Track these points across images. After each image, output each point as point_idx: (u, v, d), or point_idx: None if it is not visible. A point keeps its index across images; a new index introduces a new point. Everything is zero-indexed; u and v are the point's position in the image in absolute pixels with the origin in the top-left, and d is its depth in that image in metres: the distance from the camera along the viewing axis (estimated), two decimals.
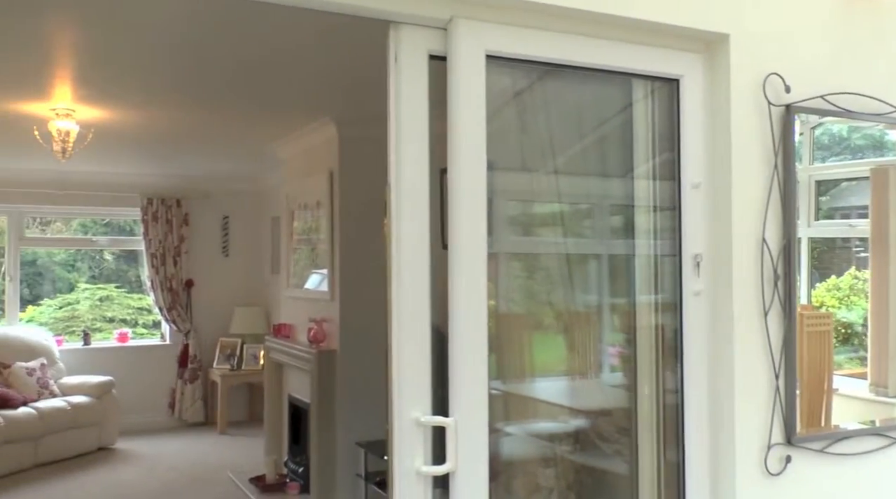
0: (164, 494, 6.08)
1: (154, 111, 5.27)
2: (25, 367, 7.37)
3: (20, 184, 7.92)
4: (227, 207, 8.80)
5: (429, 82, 2.08)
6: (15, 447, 6.67)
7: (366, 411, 5.31)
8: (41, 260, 8.73)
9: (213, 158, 7.37)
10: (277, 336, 6.27)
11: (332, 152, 5.49)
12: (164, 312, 8.46)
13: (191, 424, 8.41)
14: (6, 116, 5.25)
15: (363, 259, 5.39)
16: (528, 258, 2.58)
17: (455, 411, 2.05)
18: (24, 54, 3.96)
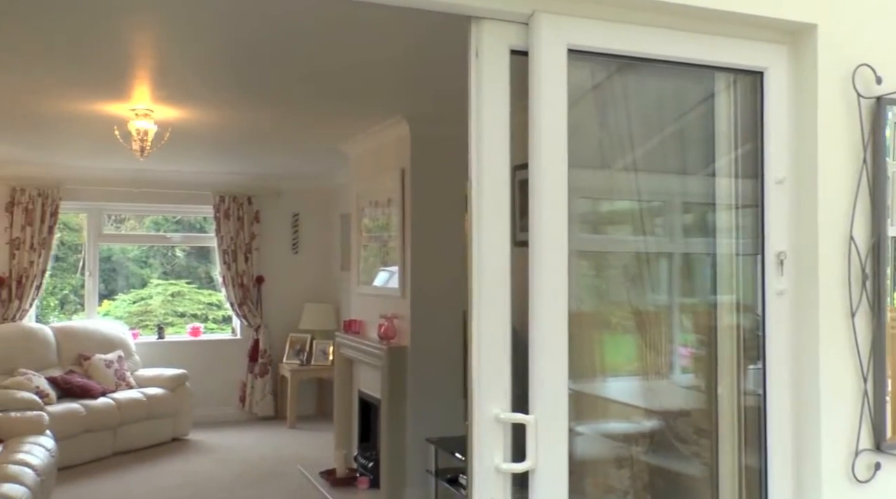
0: (236, 485, 6.21)
1: (228, 111, 5.38)
2: (104, 359, 7.62)
3: (99, 182, 8.18)
4: (296, 205, 8.94)
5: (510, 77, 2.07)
6: (95, 436, 6.90)
7: (436, 407, 5.34)
8: (116, 256, 9.01)
9: (284, 156, 7.49)
10: (347, 332, 6.34)
11: (403, 150, 5.52)
12: (235, 307, 8.64)
13: (261, 417, 8.57)
14: (89, 117, 5.42)
15: (434, 256, 5.42)
16: (598, 256, 2.55)
17: (535, 409, 2.04)
18: (107, 57, 4.09)
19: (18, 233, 7.85)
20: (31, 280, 7.88)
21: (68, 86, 4.71)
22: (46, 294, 8.37)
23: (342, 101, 5.06)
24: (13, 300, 7.82)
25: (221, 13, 3.40)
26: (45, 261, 7.95)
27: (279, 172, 8.46)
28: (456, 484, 4.68)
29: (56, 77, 4.52)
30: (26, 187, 7.86)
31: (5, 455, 5.08)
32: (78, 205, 8.34)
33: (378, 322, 5.69)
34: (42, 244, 7.92)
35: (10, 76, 4.48)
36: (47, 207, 7.95)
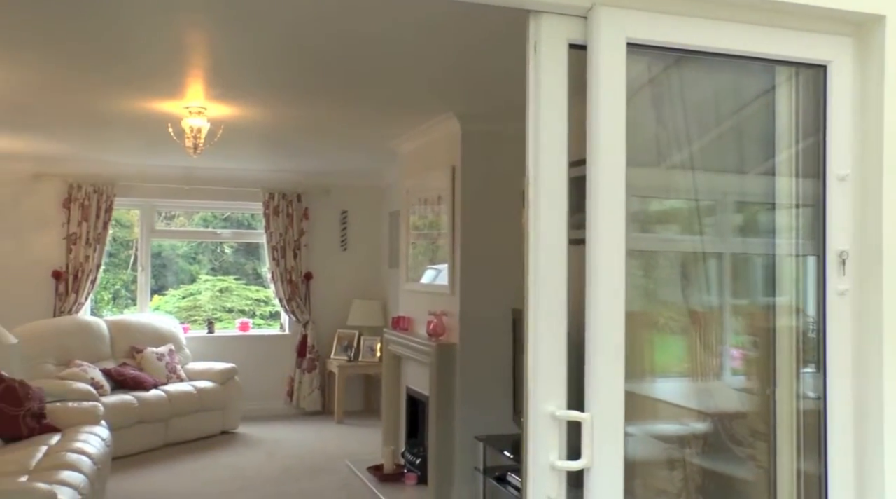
0: (285, 479, 6.27)
1: (280, 108, 5.43)
2: (156, 352, 7.76)
3: (151, 179, 8.34)
4: (345, 202, 9.00)
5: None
6: (147, 427, 7.03)
7: (485, 404, 5.33)
8: (165, 253, 9.16)
9: (333, 154, 7.55)
10: (396, 329, 6.36)
11: (454, 147, 5.52)
12: (283, 303, 8.72)
13: (308, 412, 8.65)
14: (143, 115, 5.52)
15: (484, 253, 5.41)
16: (648, 256, 2.51)
17: (591, 407, 2.02)
18: (162, 55, 4.15)
19: (75, 228, 8.03)
20: (86, 274, 8.06)
21: (124, 85, 4.79)
22: (100, 288, 8.54)
23: (393, 98, 5.07)
24: (70, 294, 8.01)
25: (275, 11, 3.43)
26: (99, 256, 8.12)
27: (328, 170, 8.52)
28: (504, 482, 4.66)
29: (113, 76, 4.61)
30: (82, 184, 8.04)
31: (63, 443, 5.20)
32: (131, 201, 8.51)
33: (427, 319, 5.69)
34: (97, 239, 8.09)
35: (70, 76, 4.58)
36: (102, 203, 8.12)
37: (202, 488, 6.03)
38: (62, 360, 7.18)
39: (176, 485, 6.11)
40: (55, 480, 4.22)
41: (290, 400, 8.74)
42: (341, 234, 9.02)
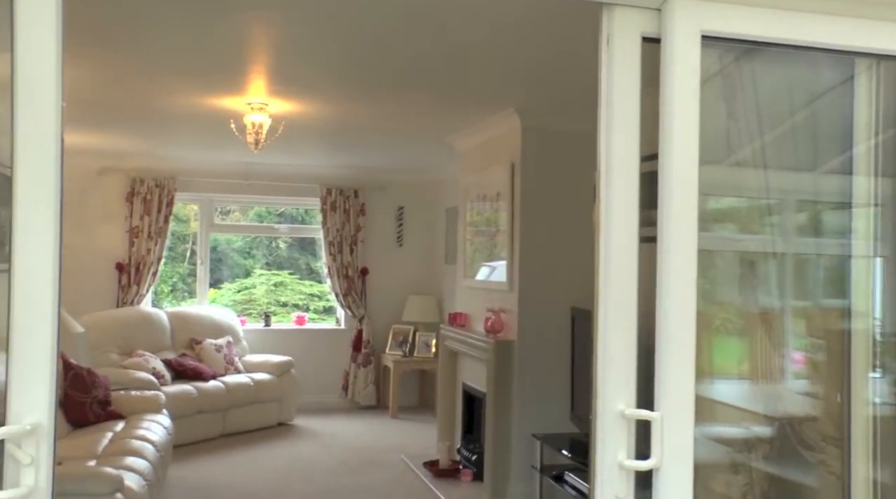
0: (340, 471, 6.32)
1: (341, 104, 5.46)
2: (214, 343, 7.88)
3: (211, 174, 8.47)
4: (402, 198, 9.03)
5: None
6: (206, 417, 7.16)
7: (542, 402, 5.29)
8: (221, 247, 9.31)
9: (391, 150, 7.57)
10: (452, 325, 6.35)
11: (514, 143, 5.48)
12: (339, 298, 8.79)
13: (363, 406, 8.70)
14: (206, 111, 5.60)
15: (543, 250, 5.37)
16: (703, 255, 2.45)
17: (661, 406, 1.98)
18: (225, 52, 4.20)
19: (137, 222, 8.21)
20: (147, 267, 8.23)
21: (189, 81, 4.87)
22: (160, 281, 8.72)
23: (454, 93, 5.06)
24: (132, 286, 8.19)
25: (338, 8, 3.44)
26: (160, 249, 8.28)
27: (385, 166, 8.55)
28: (562, 481, 4.62)
29: (177, 73, 4.68)
30: (145, 179, 8.21)
31: (127, 430, 5.33)
32: (191, 196, 8.66)
33: (484, 316, 5.67)
34: (158, 233, 8.25)
35: (136, 73, 4.66)
36: (163, 197, 8.28)
37: (260, 478, 6.11)
38: (125, 349, 7.35)
39: (234, 474, 6.21)
40: (121, 465, 4.32)
41: (345, 394, 8.81)
42: (397, 229, 9.06)
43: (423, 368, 8.59)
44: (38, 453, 1.49)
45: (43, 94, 1.58)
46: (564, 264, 5.36)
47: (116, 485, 3.74)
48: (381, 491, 5.79)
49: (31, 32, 1.59)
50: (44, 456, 1.49)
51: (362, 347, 8.73)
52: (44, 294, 1.54)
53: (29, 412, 1.50)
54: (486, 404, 5.54)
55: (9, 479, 1.48)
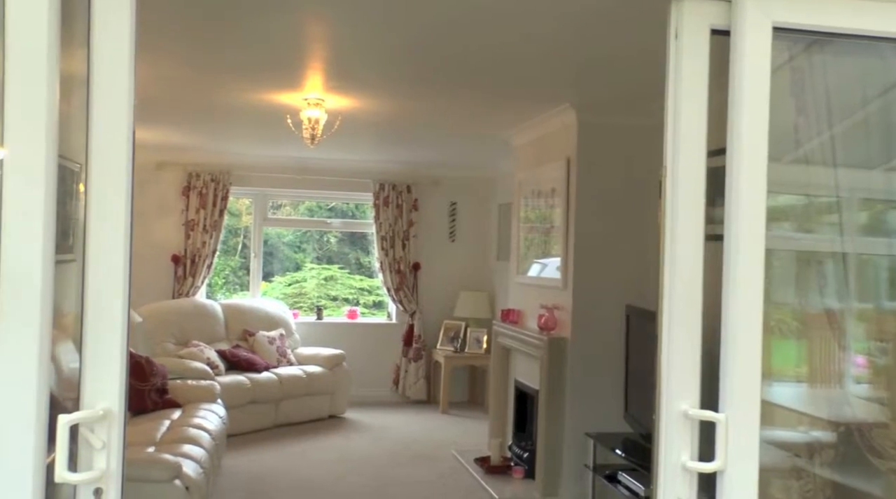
0: (392, 464, 6.36)
1: (396, 100, 5.47)
2: (267, 336, 7.99)
3: (265, 169, 8.58)
4: (455, 194, 9.03)
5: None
6: (259, 408, 7.26)
7: (595, 401, 5.24)
8: (272, 241, 9.41)
9: (445, 145, 7.57)
10: (505, 321, 6.33)
11: (569, 139, 5.43)
12: (391, 292, 8.83)
13: (413, 401, 8.74)
14: (262, 106, 5.66)
15: (598, 248, 5.31)
16: (771, 254, 2.39)
17: (725, 407, 1.94)
18: (282, 48, 4.24)
19: (193, 215, 8.35)
20: (203, 259, 8.37)
21: (246, 77, 4.92)
22: (214, 273, 8.85)
23: (510, 89, 5.03)
24: (187, 277, 8.34)
25: (396, 3, 3.44)
26: (215, 242, 8.42)
27: (439, 161, 8.56)
28: (615, 481, 4.57)
29: (235, 68, 4.74)
30: (201, 173, 8.35)
31: (184, 419, 5.43)
32: (245, 190, 8.78)
33: (538, 313, 5.64)
34: (213, 226, 8.39)
35: (196, 70, 4.74)
36: (219, 191, 8.41)
37: (313, 469, 6.17)
38: (181, 340, 7.49)
39: (286, 465, 6.28)
40: (179, 452, 4.41)
41: (396, 388, 8.85)
42: (450, 225, 9.06)
43: (473, 364, 8.59)
44: (110, 438, 1.52)
45: (117, 90, 1.61)
46: (619, 262, 5.30)
47: (175, 472, 3.81)
48: (433, 485, 5.80)
49: (107, 30, 1.62)
50: (115, 440, 1.52)
51: (413, 342, 8.76)
52: (116, 285, 1.57)
53: (101, 398, 1.53)
54: (539, 402, 5.50)
55: (82, 462, 1.51)
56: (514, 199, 6.59)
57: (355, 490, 5.70)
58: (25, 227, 1.49)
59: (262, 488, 5.70)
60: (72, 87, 1.65)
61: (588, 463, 4.98)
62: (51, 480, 1.50)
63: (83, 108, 1.63)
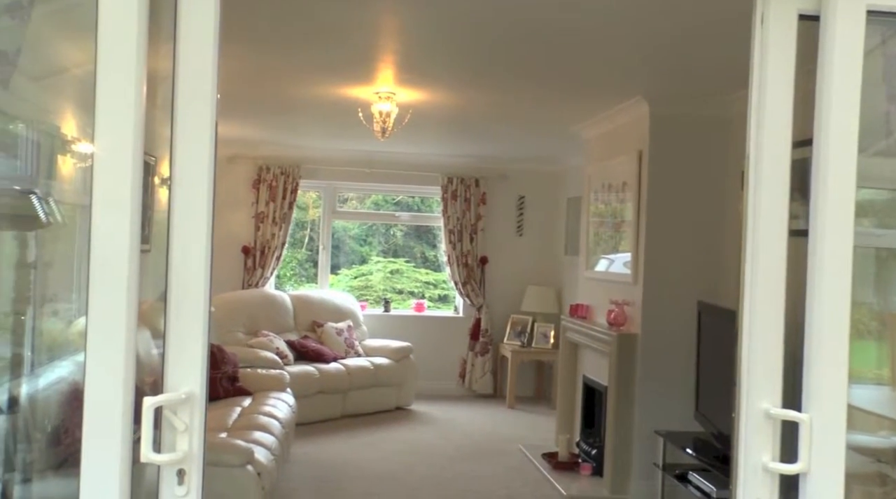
0: (458, 457, 6.37)
1: (467, 93, 5.46)
2: (335, 327, 8.08)
3: (333, 162, 8.67)
4: (523, 188, 8.98)
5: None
6: (327, 398, 7.35)
7: (666, 398, 5.15)
8: (338, 234, 9.51)
9: (514, 139, 7.54)
10: (573, 316, 6.27)
11: (642, 131, 5.34)
12: (458, 286, 8.84)
13: (479, 395, 8.73)
14: (334, 100, 5.72)
15: (670, 242, 5.22)
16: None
17: (809, 407, 1.88)
18: (355, 42, 4.27)
19: (263, 208, 8.50)
20: (272, 251, 8.51)
21: (319, 71, 4.98)
22: (282, 265, 8.99)
23: (581, 81, 4.98)
24: (256, 269, 8.49)
25: None
26: (284, 234, 8.55)
27: (507, 155, 8.53)
28: (685, 481, 4.48)
29: (308, 63, 4.80)
30: (271, 166, 8.48)
31: (254, 406, 5.54)
32: (314, 183, 8.89)
33: (607, 308, 5.57)
34: (283, 219, 8.52)
35: (268, 65, 4.81)
36: (288, 184, 8.53)
37: (381, 460, 6.23)
38: (250, 329, 7.63)
39: (354, 455, 6.35)
40: (250, 439, 4.49)
41: (463, 382, 8.86)
42: (518, 219, 9.02)
43: (540, 359, 8.54)
44: (192, 421, 1.55)
45: (201, 85, 1.64)
46: (691, 258, 5.20)
47: (248, 457, 3.88)
48: (500, 480, 5.79)
49: (193, 25, 1.65)
50: (197, 424, 1.55)
51: (480, 336, 8.75)
52: (198, 275, 1.61)
53: (183, 382, 1.57)
54: (608, 398, 5.44)
55: (165, 444, 1.55)
56: (584, 193, 6.52)
57: (424, 482, 5.72)
58: (114, 217, 1.53)
59: (331, 477, 5.77)
60: (152, 82, 1.68)
61: (657, 462, 4.90)
62: (134, 459, 1.54)
63: (160, 102, 1.66)
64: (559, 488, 5.49)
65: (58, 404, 3.12)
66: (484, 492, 5.54)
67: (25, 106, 3.05)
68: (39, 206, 2.48)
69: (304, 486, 5.54)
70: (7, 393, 2.76)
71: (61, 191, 3.16)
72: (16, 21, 2.11)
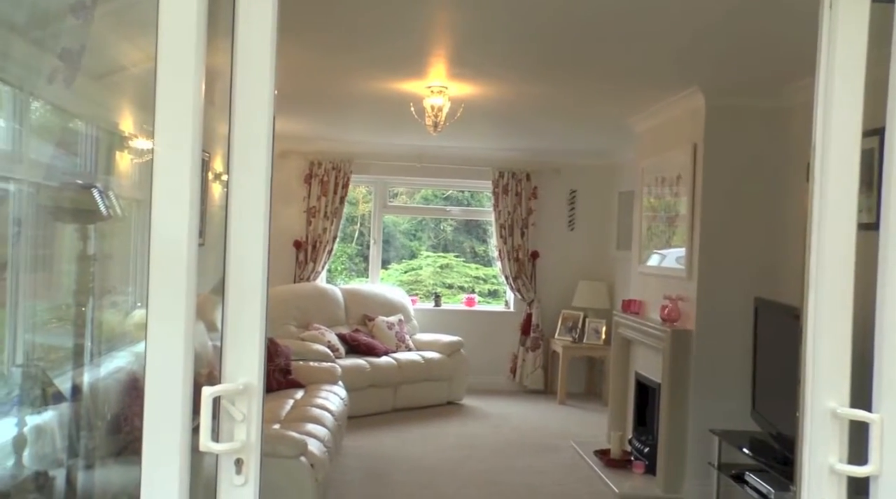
0: (510, 452, 6.34)
1: (519, 87, 5.42)
2: (386, 321, 8.11)
3: (384, 157, 8.70)
4: (574, 182, 8.89)
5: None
6: (378, 391, 7.39)
7: (721, 396, 5.06)
8: (387, 229, 9.53)
9: (565, 133, 7.47)
10: (626, 312, 6.19)
11: (697, 123, 5.24)
12: (509, 280, 8.80)
13: (530, 390, 8.69)
14: (385, 95, 5.72)
15: (726, 237, 5.11)
16: None
17: (881, 407, 1.81)
18: (407, 37, 4.26)
19: (314, 202, 8.57)
20: (323, 245, 8.58)
21: (371, 66, 4.98)
22: (333, 259, 9.06)
23: (635, 73, 4.90)
24: (308, 262, 8.57)
25: None
26: (335, 228, 8.61)
27: (559, 149, 8.46)
28: (742, 481, 4.39)
29: (360, 58, 4.80)
30: (322, 161, 8.55)
31: (307, 399, 5.58)
32: (365, 178, 8.93)
33: (661, 304, 5.48)
34: (334, 213, 8.58)
35: (321, 61, 4.82)
36: (339, 179, 8.59)
37: (433, 454, 6.23)
38: (302, 322, 7.70)
39: (405, 448, 6.37)
40: (303, 431, 4.53)
41: (514, 377, 8.83)
42: (569, 213, 8.94)
43: (591, 354, 8.46)
44: (250, 411, 1.56)
45: (259, 80, 1.64)
46: (748, 252, 5.09)
47: (302, 449, 3.91)
48: (552, 475, 5.75)
49: (251, 21, 1.65)
50: (254, 414, 1.56)
51: (531, 331, 8.71)
52: (256, 268, 1.62)
53: (241, 373, 1.58)
54: (661, 396, 5.35)
55: (223, 433, 1.56)
56: (637, 187, 6.43)
57: (476, 477, 5.71)
58: (173, 213, 1.55)
59: (383, 470, 5.80)
60: (208, 79, 1.69)
61: (713, 461, 4.81)
62: (192, 449, 1.55)
63: (215, 99, 1.67)
64: (611, 485, 5.43)
65: (117, 394, 3.19)
66: (536, 487, 5.50)
67: (86, 104, 3.11)
68: (100, 199, 2.53)
69: (356, 478, 5.57)
70: (70, 381, 2.83)
71: (118, 186, 3.22)
72: (80, 21, 2.15)
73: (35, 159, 2.81)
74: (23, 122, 2.66)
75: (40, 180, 2.71)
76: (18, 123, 2.64)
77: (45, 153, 2.87)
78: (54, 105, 2.83)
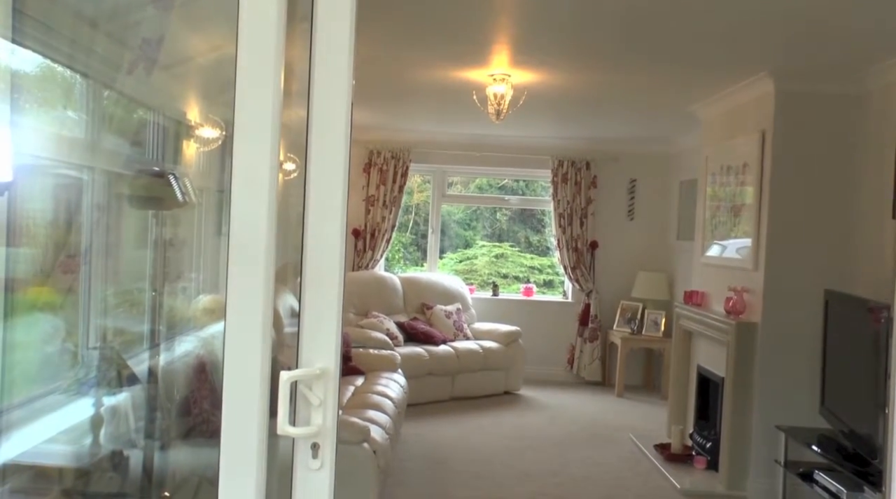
0: (568, 444, 6.31)
1: (582, 74, 5.37)
2: (444, 309, 8.14)
3: (442, 146, 8.70)
4: (634, 170, 8.77)
5: None
6: (436, 380, 7.42)
7: (788, 392, 4.95)
8: (442, 218, 9.54)
9: (627, 120, 7.38)
10: (688, 303, 6.09)
11: (765, 110, 5.11)
12: (567, 270, 8.74)
13: (587, 382, 8.63)
14: (447, 84, 5.73)
15: (795, 227, 4.98)
16: None
17: None
18: (470, 25, 4.25)
19: (373, 191, 8.62)
20: (381, 234, 8.63)
21: (434, 55, 4.99)
22: (391, 248, 9.11)
23: (701, 58, 4.79)
24: (367, 251, 8.63)
25: None
26: (394, 217, 8.65)
27: (618, 137, 8.36)
28: (810, 480, 4.28)
29: (424, 47, 4.81)
30: (381, 150, 8.59)
31: (367, 385, 5.64)
32: (423, 167, 8.95)
33: (725, 295, 5.38)
34: (393, 202, 8.63)
35: (383, 49, 4.84)
36: (398, 168, 8.63)
37: (490, 443, 6.24)
38: (361, 310, 7.77)
39: (464, 437, 6.39)
40: (365, 417, 4.58)
41: (571, 368, 8.78)
42: (629, 203, 8.83)
43: (650, 346, 8.36)
44: (326, 396, 1.58)
45: (338, 68, 1.64)
46: (818, 244, 4.95)
47: (365, 435, 3.95)
48: (612, 469, 5.70)
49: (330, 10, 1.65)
50: (330, 399, 1.58)
51: (589, 322, 8.64)
52: (333, 255, 1.63)
53: (318, 358, 1.59)
54: (724, 390, 5.26)
55: (300, 418, 1.58)
56: (700, 175, 6.31)
57: (536, 467, 5.69)
58: (253, 201, 1.56)
59: (442, 458, 5.82)
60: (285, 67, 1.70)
61: (779, 458, 4.71)
62: (269, 432, 1.57)
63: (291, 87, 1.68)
64: (672, 480, 5.36)
65: (186, 377, 3.26)
66: (595, 479, 5.47)
67: (158, 94, 3.18)
68: (177, 186, 2.58)
69: (416, 465, 5.61)
70: (143, 365, 2.90)
71: (184, 175, 3.29)
72: (159, 10, 2.18)
73: (112, 150, 2.87)
74: (102, 114, 2.73)
75: (118, 169, 2.77)
76: (98, 115, 2.71)
77: (123, 143, 2.94)
78: (131, 96, 2.89)
